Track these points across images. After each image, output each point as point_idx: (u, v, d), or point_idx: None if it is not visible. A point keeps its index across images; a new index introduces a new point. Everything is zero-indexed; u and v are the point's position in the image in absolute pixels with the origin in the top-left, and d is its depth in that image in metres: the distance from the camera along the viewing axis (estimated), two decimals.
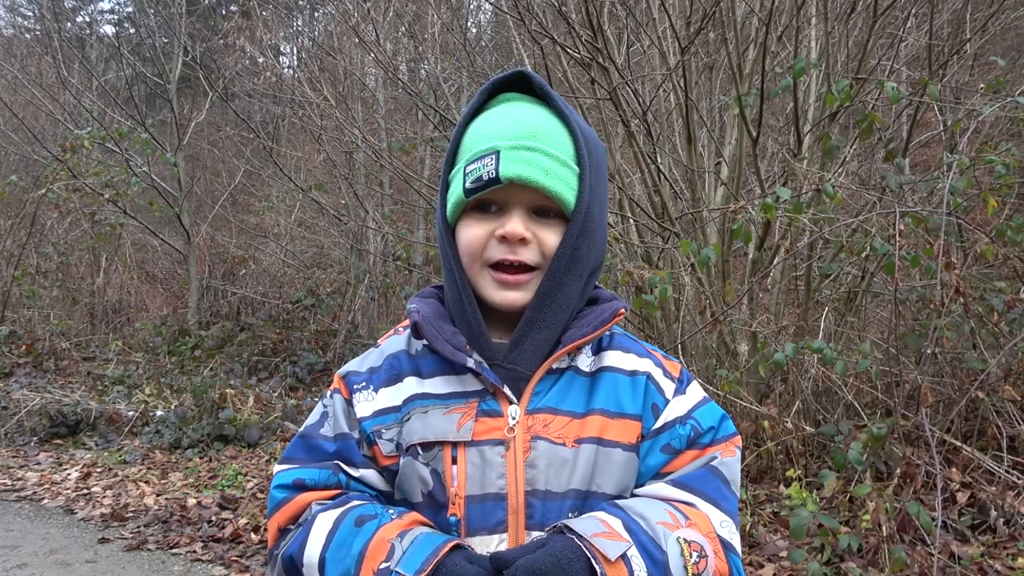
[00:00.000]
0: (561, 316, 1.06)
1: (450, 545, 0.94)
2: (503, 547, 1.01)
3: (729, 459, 1.08)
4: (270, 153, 9.31)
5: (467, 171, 1.04)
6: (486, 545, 1.01)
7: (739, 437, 1.13)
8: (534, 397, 1.06)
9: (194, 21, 12.72)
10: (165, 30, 11.94)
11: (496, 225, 1.05)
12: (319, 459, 1.09)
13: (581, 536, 0.92)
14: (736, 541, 1.03)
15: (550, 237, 1.05)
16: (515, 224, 1.03)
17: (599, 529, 0.93)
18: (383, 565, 0.93)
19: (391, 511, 1.01)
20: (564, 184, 1.03)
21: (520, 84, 1.11)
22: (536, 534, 1.00)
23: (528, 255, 1.04)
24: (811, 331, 4.57)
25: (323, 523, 1.01)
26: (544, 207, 1.05)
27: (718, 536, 1.01)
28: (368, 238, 9.97)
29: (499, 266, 1.05)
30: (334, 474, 1.07)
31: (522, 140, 1.02)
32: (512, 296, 1.05)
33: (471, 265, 1.07)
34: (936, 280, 3.25)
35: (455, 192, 1.07)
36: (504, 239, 1.04)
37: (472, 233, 1.06)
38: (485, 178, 1.02)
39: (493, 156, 1.02)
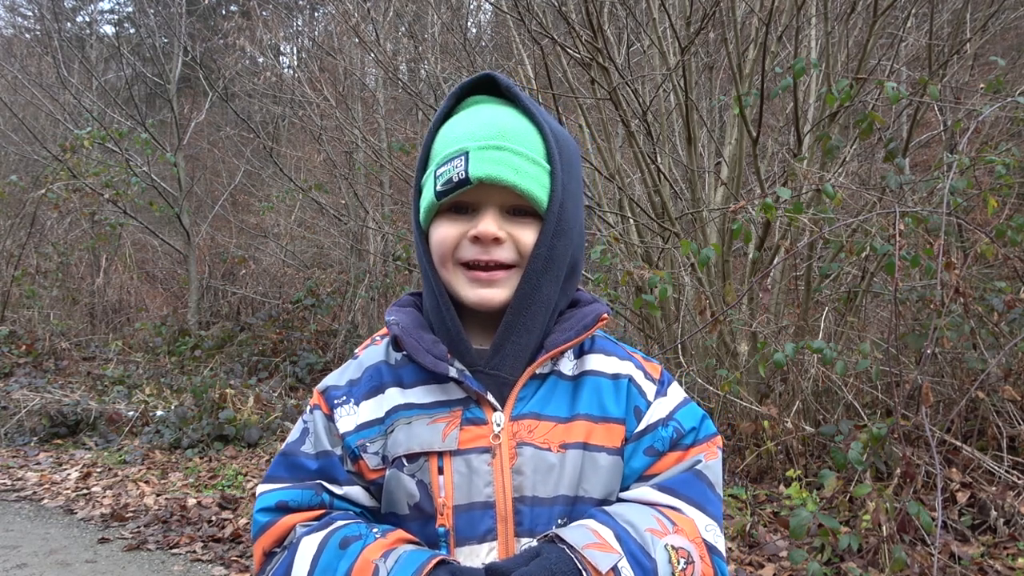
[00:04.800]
0: (541, 319, 1.05)
1: (434, 561, 0.93)
2: (493, 555, 1.01)
3: (712, 462, 1.09)
4: (270, 153, 9.32)
5: (437, 174, 1.03)
6: (476, 554, 1.00)
7: (720, 437, 1.14)
8: (518, 403, 1.05)
9: (194, 21, 12.73)
10: (165, 30, 11.94)
11: (469, 226, 1.03)
12: (302, 477, 1.07)
13: (573, 547, 0.93)
14: (720, 544, 1.04)
15: (526, 235, 1.03)
16: (488, 224, 1.01)
17: (590, 540, 0.94)
18: None
19: (375, 530, 1.00)
20: (535, 182, 1.02)
21: (489, 87, 1.10)
22: (525, 541, 1.00)
23: (503, 254, 1.03)
24: (811, 331, 4.58)
25: (308, 547, 1.00)
26: (518, 206, 1.03)
27: (703, 540, 1.02)
28: (368, 238, 9.98)
29: (472, 266, 1.04)
30: (317, 494, 1.06)
31: (491, 140, 1.01)
32: (488, 294, 1.04)
33: (443, 266, 1.06)
34: (936, 280, 3.25)
35: (427, 196, 1.06)
36: (477, 239, 1.02)
37: (444, 233, 1.05)
38: (455, 180, 1.01)
39: (462, 157, 1.01)
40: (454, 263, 1.05)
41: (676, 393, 1.14)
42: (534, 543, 0.99)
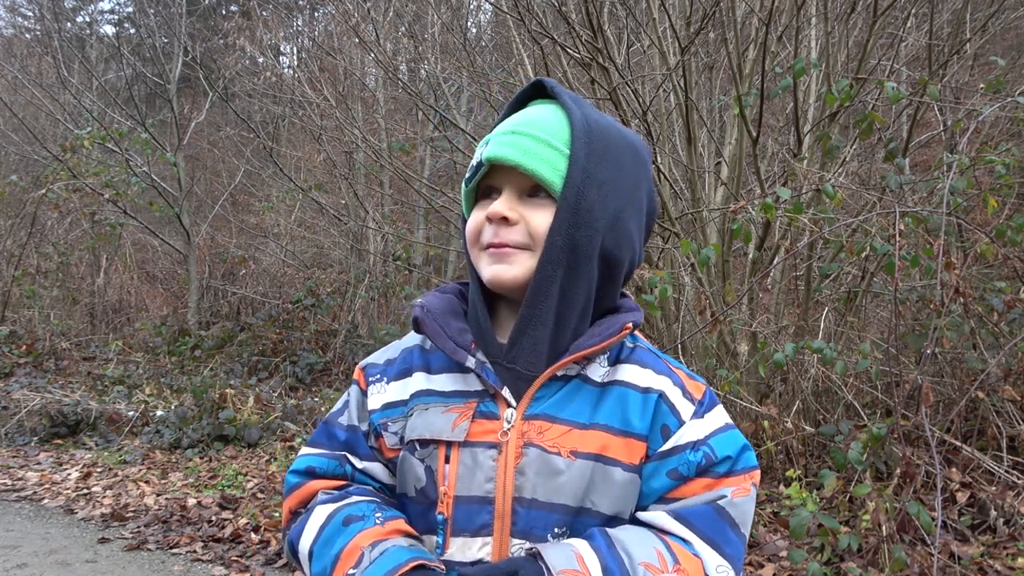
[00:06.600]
0: (560, 313, 1.02)
1: (412, 565, 0.95)
2: (486, 550, 1.01)
3: (740, 499, 1.03)
4: (270, 153, 9.32)
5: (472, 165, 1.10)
6: (469, 547, 1.01)
7: (758, 472, 1.07)
8: (534, 403, 1.03)
9: (194, 21, 12.72)
10: (165, 30, 11.95)
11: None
12: (333, 447, 1.13)
13: (549, 570, 0.92)
14: None
15: (538, 217, 1.02)
16: (498, 204, 1.03)
17: (570, 566, 0.92)
18: (351, 571, 0.96)
19: (379, 515, 1.03)
20: (545, 163, 1.01)
21: (543, 91, 1.13)
22: (519, 542, 1.00)
23: (512, 235, 1.02)
24: (811, 331, 4.58)
25: (319, 516, 1.05)
26: (535, 189, 1.04)
27: None
28: (368, 238, 9.97)
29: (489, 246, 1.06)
30: (341, 464, 1.11)
31: (511, 127, 1.05)
32: (499, 269, 1.03)
33: (472, 251, 1.09)
34: (936, 280, 3.25)
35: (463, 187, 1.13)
36: (491, 220, 1.04)
37: (472, 219, 1.08)
38: (475, 164, 1.06)
39: (487, 145, 1.06)
40: (479, 248, 1.07)
41: (717, 417, 1.07)
42: (523, 553, 0.99)
